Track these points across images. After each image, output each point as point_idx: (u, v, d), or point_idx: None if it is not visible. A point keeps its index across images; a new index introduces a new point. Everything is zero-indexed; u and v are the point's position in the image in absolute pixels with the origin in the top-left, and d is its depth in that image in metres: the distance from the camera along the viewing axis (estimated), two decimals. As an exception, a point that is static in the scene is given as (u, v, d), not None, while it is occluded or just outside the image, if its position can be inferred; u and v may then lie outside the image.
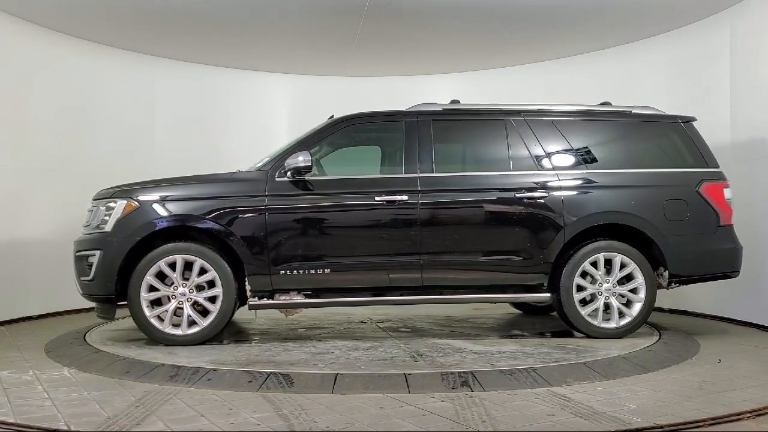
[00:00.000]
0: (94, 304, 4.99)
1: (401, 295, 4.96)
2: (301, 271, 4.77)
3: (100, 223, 4.77)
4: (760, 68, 5.82)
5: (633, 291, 4.97)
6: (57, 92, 6.86)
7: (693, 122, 5.32)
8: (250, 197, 4.78)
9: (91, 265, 4.72)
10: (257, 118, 8.41)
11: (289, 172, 4.81)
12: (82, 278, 4.82)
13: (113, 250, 4.66)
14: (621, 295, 4.99)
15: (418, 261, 4.83)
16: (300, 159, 4.72)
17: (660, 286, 5.09)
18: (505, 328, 5.64)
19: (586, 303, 4.98)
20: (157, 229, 4.70)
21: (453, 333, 5.31)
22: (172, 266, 4.69)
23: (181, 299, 4.71)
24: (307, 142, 5.01)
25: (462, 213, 4.93)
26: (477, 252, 4.90)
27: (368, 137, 5.50)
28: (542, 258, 4.92)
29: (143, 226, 4.69)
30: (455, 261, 4.89)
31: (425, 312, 6.54)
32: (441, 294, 5.01)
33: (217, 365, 4.00)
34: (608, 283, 4.95)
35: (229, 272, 4.72)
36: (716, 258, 5.09)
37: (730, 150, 6.05)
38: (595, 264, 4.95)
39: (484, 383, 3.65)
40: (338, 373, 3.79)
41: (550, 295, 4.98)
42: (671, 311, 6.74)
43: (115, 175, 5.86)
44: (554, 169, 5.05)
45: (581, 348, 4.57)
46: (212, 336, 4.75)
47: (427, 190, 4.88)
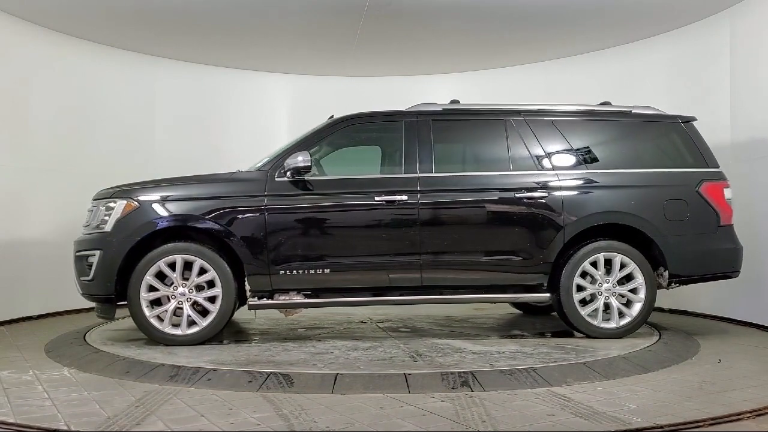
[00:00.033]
0: (94, 304, 5.00)
1: (401, 295, 4.96)
2: (301, 271, 4.77)
3: (99, 223, 4.77)
4: (760, 68, 5.82)
5: (633, 291, 4.96)
6: (57, 92, 6.86)
7: (693, 122, 5.32)
8: (249, 197, 4.78)
9: (91, 265, 4.72)
10: (257, 118, 8.41)
11: (288, 172, 4.81)
12: (82, 278, 4.83)
13: (113, 250, 4.67)
14: (621, 295, 4.99)
15: (418, 261, 4.83)
16: (299, 159, 4.72)
17: (660, 286, 5.09)
18: (505, 328, 5.64)
19: (585, 303, 4.98)
20: (157, 229, 4.71)
21: (453, 333, 5.31)
22: (172, 266, 4.70)
23: (180, 299, 4.71)
24: (306, 142, 5.02)
25: (462, 213, 4.92)
26: (477, 252, 4.90)
27: (368, 137, 5.50)
28: (542, 258, 4.92)
29: (143, 226, 4.69)
30: (455, 261, 4.89)
31: (425, 312, 6.54)
32: (441, 294, 5.00)
33: (216, 365, 4.00)
34: (608, 283, 4.95)
35: (228, 272, 4.72)
36: (716, 258, 5.09)
37: (730, 150, 6.05)
38: (595, 264, 4.95)
39: (484, 383, 3.65)
40: (338, 373, 3.79)
41: (550, 295, 4.98)
42: (671, 311, 6.74)
43: (115, 175, 5.86)
44: (554, 169, 5.04)
45: (581, 348, 4.56)
46: (212, 336, 4.75)
47: (426, 190, 4.88)
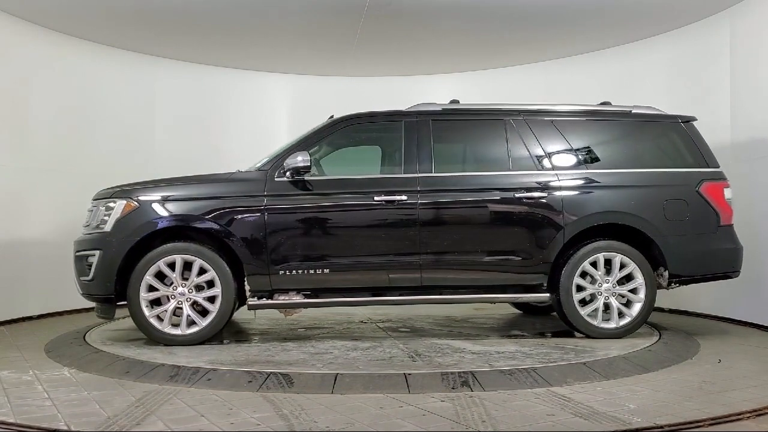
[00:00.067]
0: (93, 304, 5.00)
1: (400, 295, 4.96)
2: (301, 271, 4.77)
3: (99, 223, 4.77)
4: (760, 68, 5.81)
5: (633, 291, 4.96)
6: (57, 92, 6.86)
7: (693, 122, 5.32)
8: (249, 197, 4.78)
9: (91, 265, 4.72)
10: (257, 118, 8.41)
11: (288, 172, 4.81)
12: (81, 278, 4.83)
13: (113, 250, 4.67)
14: (621, 295, 4.98)
15: (418, 261, 4.83)
16: (299, 159, 4.72)
17: (660, 287, 5.09)
18: (505, 329, 5.63)
19: (585, 303, 4.98)
20: (157, 229, 4.71)
21: (452, 333, 5.31)
22: (172, 266, 4.70)
23: (180, 299, 4.71)
24: (306, 142, 5.01)
25: (461, 213, 4.92)
26: (476, 252, 4.90)
27: (368, 137, 5.50)
28: (542, 258, 4.92)
29: (142, 226, 4.69)
30: (454, 261, 4.89)
31: (425, 312, 6.54)
32: (440, 294, 5.00)
33: (216, 365, 4.00)
34: (608, 283, 4.94)
35: (228, 272, 4.72)
36: (716, 258, 5.08)
37: (730, 150, 6.05)
38: (594, 264, 4.94)
39: (484, 383, 3.65)
40: (338, 373, 3.79)
41: (550, 295, 4.98)
42: (671, 311, 6.74)
43: (115, 175, 5.86)
44: (554, 169, 5.04)
45: (581, 348, 4.56)
46: (211, 336, 4.75)
47: (426, 190, 4.87)
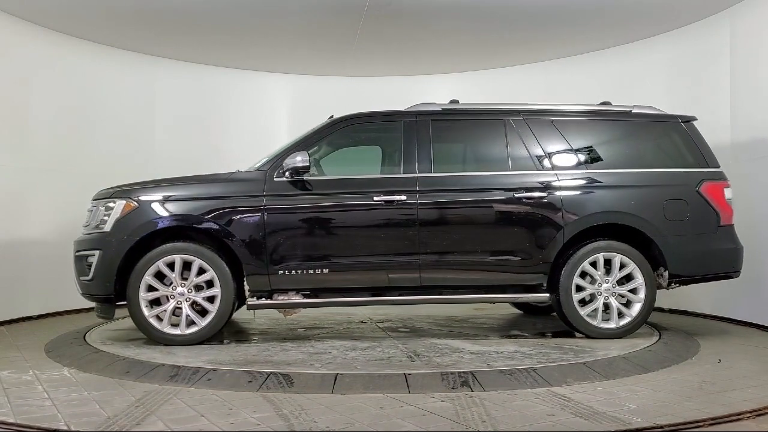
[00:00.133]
0: (93, 304, 5.00)
1: (400, 295, 4.95)
2: (300, 271, 4.77)
3: (99, 223, 4.77)
4: (760, 68, 5.81)
5: (632, 291, 4.96)
6: (57, 92, 6.86)
7: (693, 122, 5.32)
8: (248, 197, 4.78)
9: (91, 265, 4.72)
10: (257, 118, 8.41)
11: (287, 173, 4.81)
12: (81, 278, 4.83)
13: (112, 250, 4.67)
14: (620, 296, 4.98)
15: (417, 261, 4.83)
16: (298, 159, 4.71)
17: (660, 287, 5.09)
18: (504, 329, 5.63)
19: (585, 303, 4.98)
20: (156, 229, 4.71)
21: (452, 333, 5.31)
22: (171, 266, 4.70)
23: (179, 299, 4.71)
24: (305, 142, 5.01)
25: (461, 213, 4.92)
26: (476, 252, 4.89)
27: (367, 137, 5.49)
28: (541, 258, 4.91)
29: (142, 226, 4.69)
30: (454, 261, 4.88)
31: (425, 312, 6.53)
32: (440, 294, 5.00)
33: (215, 365, 4.00)
34: (608, 283, 4.94)
35: (227, 272, 4.72)
36: (717, 258, 5.08)
37: (730, 150, 6.05)
38: (594, 264, 4.94)
39: (484, 383, 3.65)
40: (338, 373, 3.79)
41: (550, 295, 4.98)
42: (671, 311, 6.74)
43: (115, 175, 5.87)
44: (553, 169, 5.04)
45: (580, 348, 4.56)
46: (211, 336, 4.75)
47: (425, 190, 4.87)
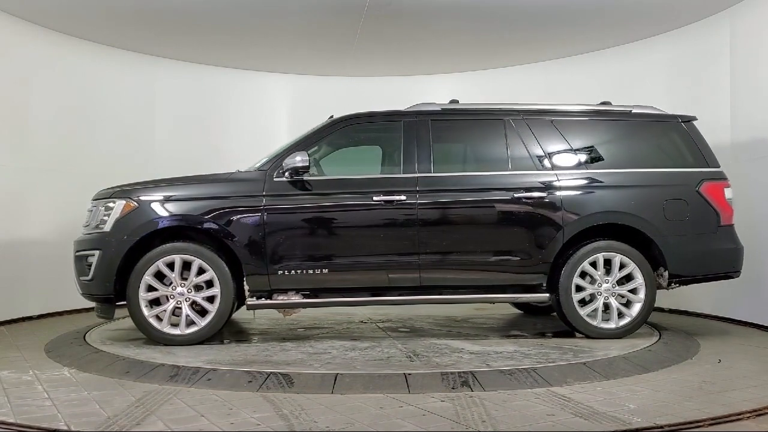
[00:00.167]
0: (93, 303, 5.00)
1: (400, 295, 4.95)
2: (299, 271, 4.77)
3: (99, 223, 4.77)
4: (760, 68, 5.81)
5: (632, 291, 4.95)
6: (57, 92, 6.86)
7: (693, 122, 5.32)
8: (248, 197, 4.78)
9: (91, 265, 4.72)
10: (257, 118, 8.41)
11: (287, 173, 4.81)
12: (81, 278, 4.83)
13: (112, 250, 4.67)
14: (620, 296, 4.98)
15: (417, 261, 4.83)
16: (298, 159, 4.71)
17: (660, 287, 5.08)
18: (504, 329, 5.63)
19: (585, 303, 4.97)
20: (156, 229, 4.71)
21: (452, 333, 5.30)
22: (171, 266, 4.70)
23: (179, 299, 4.71)
24: (305, 142, 5.01)
25: (460, 213, 4.92)
26: (475, 252, 4.89)
27: (367, 137, 5.49)
28: (541, 258, 4.91)
29: (142, 226, 4.69)
30: (454, 261, 4.88)
31: (426, 312, 6.53)
32: (440, 294, 5.00)
33: (215, 365, 4.00)
34: (607, 283, 4.94)
35: (227, 272, 4.72)
36: (717, 258, 5.08)
37: (730, 150, 6.04)
38: (594, 264, 4.94)
39: (484, 383, 3.65)
40: (338, 373, 3.79)
41: (549, 295, 4.97)
42: (671, 311, 6.74)
43: (115, 175, 5.87)
44: (553, 169, 5.04)
45: (580, 348, 4.56)
46: (210, 336, 4.75)
47: (425, 190, 4.87)
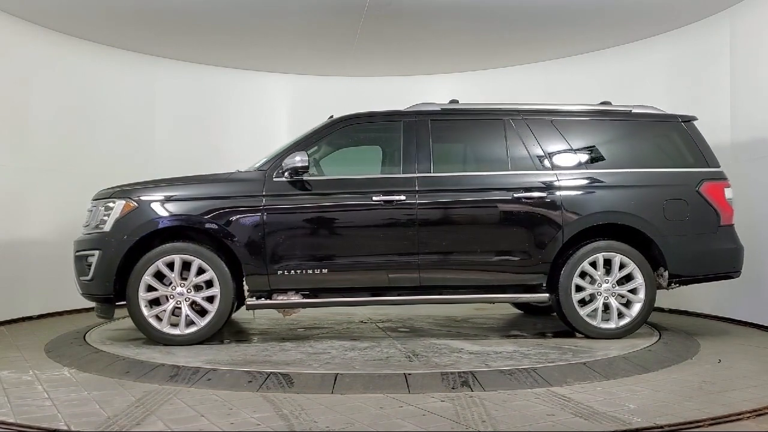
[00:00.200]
0: (93, 303, 5.00)
1: (399, 295, 4.95)
2: (299, 271, 4.77)
3: (99, 223, 4.78)
4: (760, 68, 5.81)
5: (632, 291, 4.95)
6: (57, 92, 6.86)
7: (694, 122, 5.31)
8: (248, 197, 4.78)
9: (90, 264, 4.72)
10: (257, 118, 8.41)
11: (286, 173, 4.81)
12: (81, 278, 4.83)
13: (112, 250, 4.67)
14: (620, 296, 4.98)
15: (416, 261, 4.82)
16: (297, 159, 4.71)
17: (660, 287, 5.08)
18: (504, 329, 5.63)
19: (585, 303, 4.97)
20: (156, 229, 4.71)
21: (451, 333, 5.30)
22: (170, 266, 4.70)
23: (179, 299, 4.71)
24: (305, 142, 5.01)
25: (460, 213, 4.92)
26: (475, 252, 4.89)
27: (367, 137, 5.49)
28: (541, 258, 4.91)
29: (142, 226, 4.69)
30: (453, 261, 4.88)
31: (426, 312, 6.53)
32: (439, 294, 5.00)
33: (214, 365, 4.00)
34: (607, 283, 4.94)
35: (227, 272, 4.72)
36: (717, 258, 5.07)
37: (730, 150, 6.04)
38: (594, 264, 4.94)
39: (484, 383, 3.65)
40: (338, 373, 3.79)
41: (549, 295, 4.97)
42: (671, 311, 6.73)
43: (115, 175, 5.87)
44: (553, 169, 5.04)
45: (580, 348, 4.56)
46: (210, 336, 4.75)
47: (425, 190, 4.87)
